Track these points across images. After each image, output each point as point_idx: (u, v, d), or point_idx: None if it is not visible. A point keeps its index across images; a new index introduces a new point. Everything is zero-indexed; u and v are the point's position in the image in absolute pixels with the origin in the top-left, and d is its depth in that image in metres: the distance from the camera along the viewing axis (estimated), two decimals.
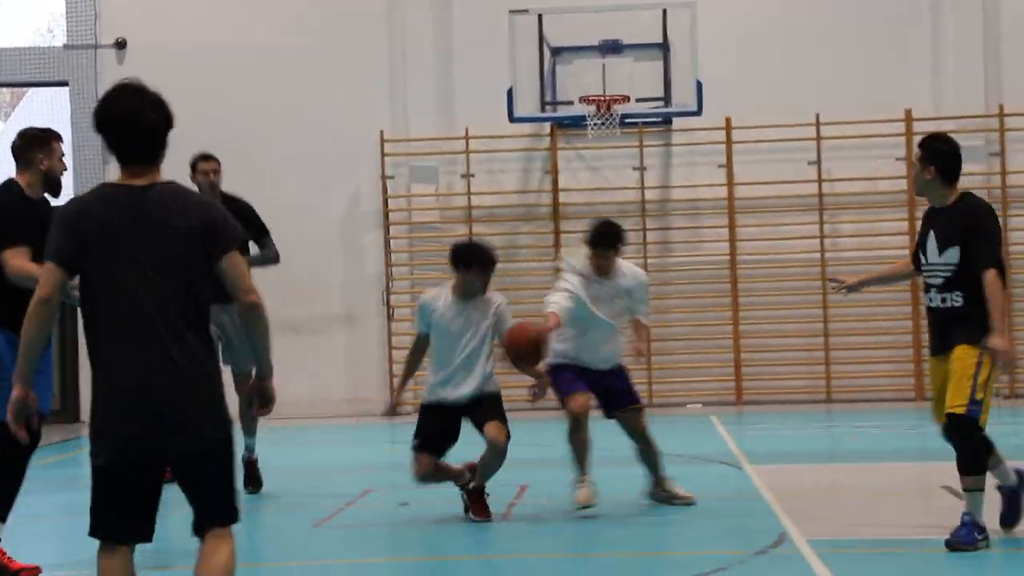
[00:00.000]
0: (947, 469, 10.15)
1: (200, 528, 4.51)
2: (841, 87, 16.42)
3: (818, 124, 16.40)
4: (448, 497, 8.36)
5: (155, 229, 4.35)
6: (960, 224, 6.91)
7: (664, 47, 15.88)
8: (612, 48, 15.83)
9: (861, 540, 7.37)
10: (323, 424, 15.83)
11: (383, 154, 16.72)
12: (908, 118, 16.32)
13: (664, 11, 15.67)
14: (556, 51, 16.13)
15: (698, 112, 15.45)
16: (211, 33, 16.98)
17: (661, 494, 8.59)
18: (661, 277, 16.28)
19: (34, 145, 6.74)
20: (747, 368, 16.57)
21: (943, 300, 6.94)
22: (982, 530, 6.92)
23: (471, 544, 7.58)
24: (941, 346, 6.99)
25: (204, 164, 9.59)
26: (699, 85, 15.32)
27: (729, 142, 16.56)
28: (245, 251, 8.32)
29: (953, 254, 6.90)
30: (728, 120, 16.46)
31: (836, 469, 10.64)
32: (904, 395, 16.24)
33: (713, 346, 16.57)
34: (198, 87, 16.26)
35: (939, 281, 6.96)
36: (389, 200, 16.87)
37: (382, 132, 16.72)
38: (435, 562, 7.32)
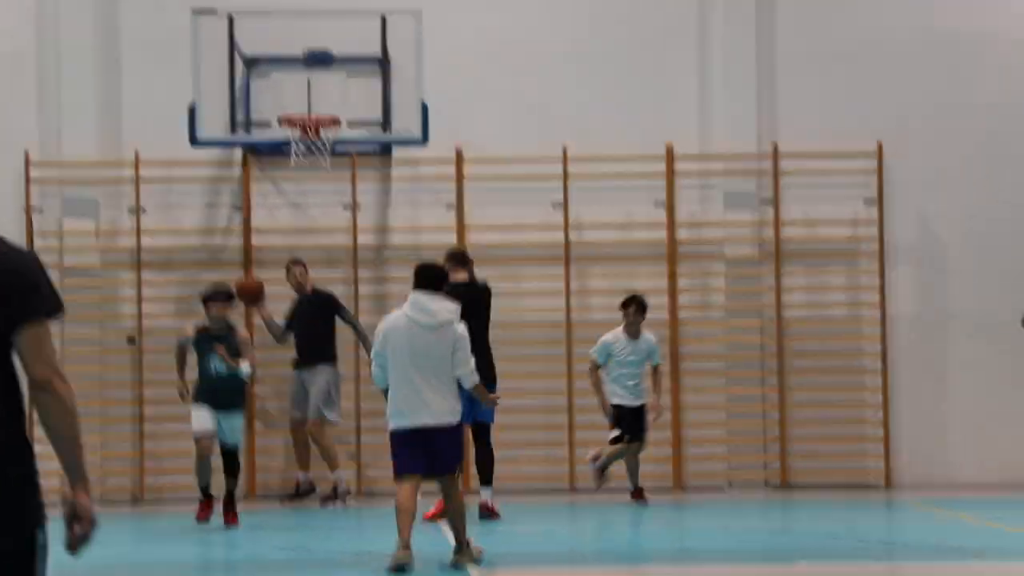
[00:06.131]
0: (707, 574, 10.27)
1: None
2: (593, 117, 16.67)
3: (565, 159, 16.47)
4: None
5: None
6: None
7: (383, 62, 15.90)
8: (320, 60, 15.86)
9: None
10: None
11: (28, 180, 16.23)
12: (670, 156, 16.57)
13: (383, 19, 15.70)
14: (251, 61, 16.01)
15: (423, 141, 15.50)
16: None
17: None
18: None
19: None
20: None
21: None
22: None
23: None
24: None
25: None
26: (424, 108, 15.39)
27: (460, 178, 16.54)
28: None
29: None
30: (459, 151, 16.42)
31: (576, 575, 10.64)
32: (657, 484, 16.31)
33: None
34: None
35: None
36: (35, 238, 16.36)
37: (27, 153, 16.22)
38: None
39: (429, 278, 10.58)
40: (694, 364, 16.70)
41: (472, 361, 10.52)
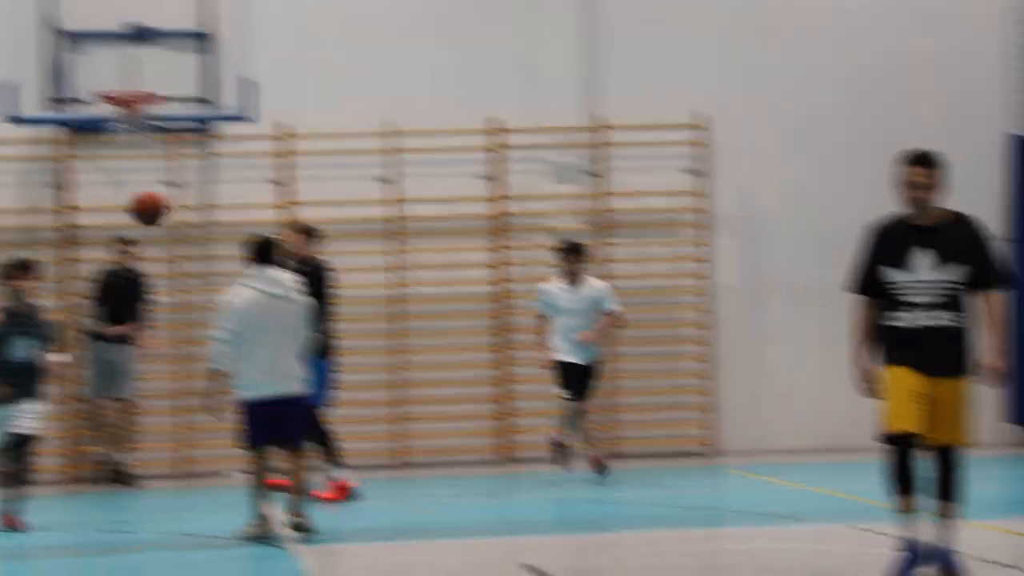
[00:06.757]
0: (532, 544, 10.42)
1: None
2: (420, 91, 16.69)
3: (392, 134, 16.52)
4: None
5: None
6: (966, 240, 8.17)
7: (206, 37, 15.84)
8: (141, 35, 15.73)
9: None
10: None
11: None
12: (495, 129, 16.63)
13: None
14: (70, 36, 15.73)
15: (247, 116, 15.44)
16: None
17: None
18: (190, 317, 15.92)
19: None
20: None
21: (935, 319, 8.12)
22: None
23: None
24: (933, 366, 8.10)
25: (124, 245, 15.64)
26: (247, 84, 15.31)
27: (285, 154, 16.47)
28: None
29: (954, 271, 8.10)
30: (282, 126, 16.41)
31: (406, 548, 10.74)
32: (484, 457, 16.54)
33: None
34: None
35: (930, 299, 8.10)
36: None
37: None
38: None
39: (267, 252, 11.11)
40: (522, 336, 16.70)
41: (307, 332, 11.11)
